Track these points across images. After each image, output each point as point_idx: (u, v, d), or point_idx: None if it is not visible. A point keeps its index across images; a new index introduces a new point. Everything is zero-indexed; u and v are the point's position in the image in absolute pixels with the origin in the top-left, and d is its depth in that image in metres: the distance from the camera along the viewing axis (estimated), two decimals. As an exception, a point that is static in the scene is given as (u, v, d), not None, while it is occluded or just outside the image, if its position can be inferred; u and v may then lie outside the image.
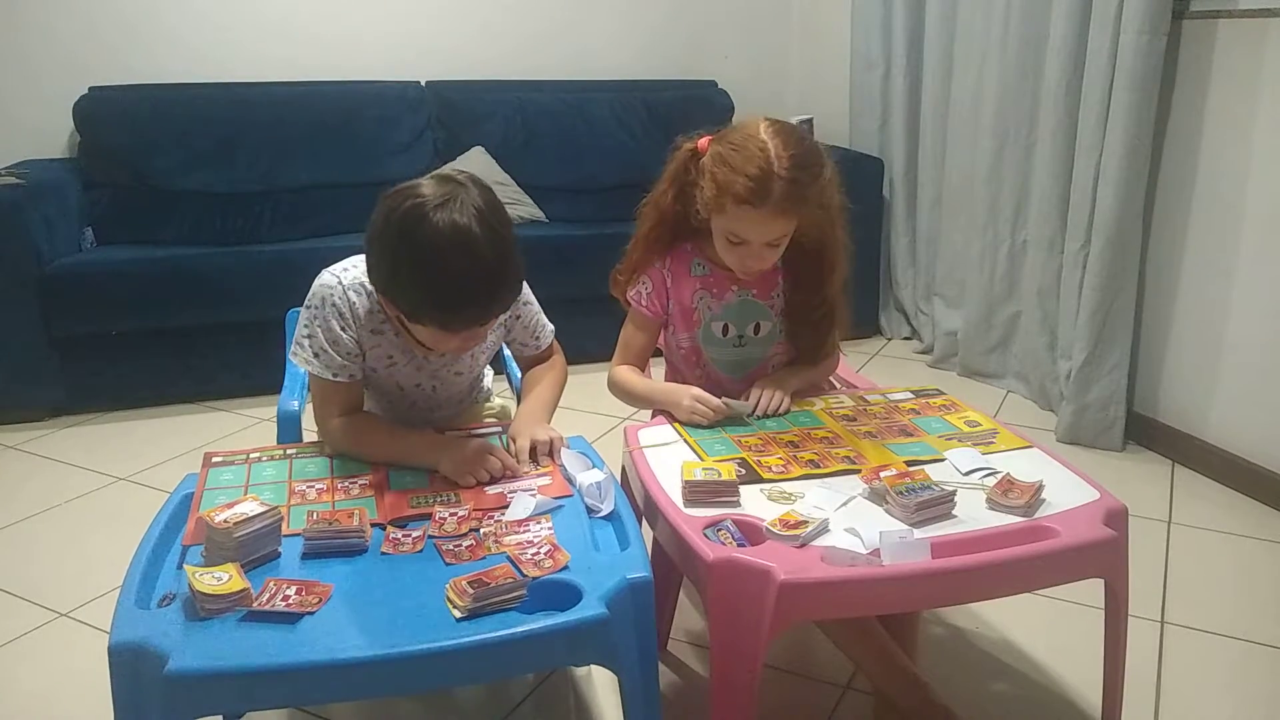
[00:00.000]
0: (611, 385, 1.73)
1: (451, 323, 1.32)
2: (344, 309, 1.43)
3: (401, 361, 1.50)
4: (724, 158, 1.50)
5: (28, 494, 2.41)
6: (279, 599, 1.07)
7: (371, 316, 1.45)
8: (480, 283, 1.28)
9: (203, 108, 3.26)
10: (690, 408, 1.56)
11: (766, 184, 1.46)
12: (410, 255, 1.27)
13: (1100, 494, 1.33)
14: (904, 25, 3.41)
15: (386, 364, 1.50)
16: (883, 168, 3.53)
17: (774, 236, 1.54)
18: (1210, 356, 2.46)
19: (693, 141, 1.61)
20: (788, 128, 1.53)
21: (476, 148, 3.49)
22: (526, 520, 1.25)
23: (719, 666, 1.22)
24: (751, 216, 1.50)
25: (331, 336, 1.43)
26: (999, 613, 1.85)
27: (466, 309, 1.31)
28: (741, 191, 1.47)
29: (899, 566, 1.16)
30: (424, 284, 1.27)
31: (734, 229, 1.53)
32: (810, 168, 1.50)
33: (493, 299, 1.33)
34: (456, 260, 1.25)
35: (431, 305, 1.29)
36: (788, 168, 1.47)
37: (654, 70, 3.92)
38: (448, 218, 1.26)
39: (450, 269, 1.26)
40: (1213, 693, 1.66)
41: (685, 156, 1.61)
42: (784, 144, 1.48)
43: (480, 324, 1.36)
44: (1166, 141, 2.50)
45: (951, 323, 3.32)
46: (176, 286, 2.88)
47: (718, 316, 1.68)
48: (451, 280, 1.26)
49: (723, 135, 1.56)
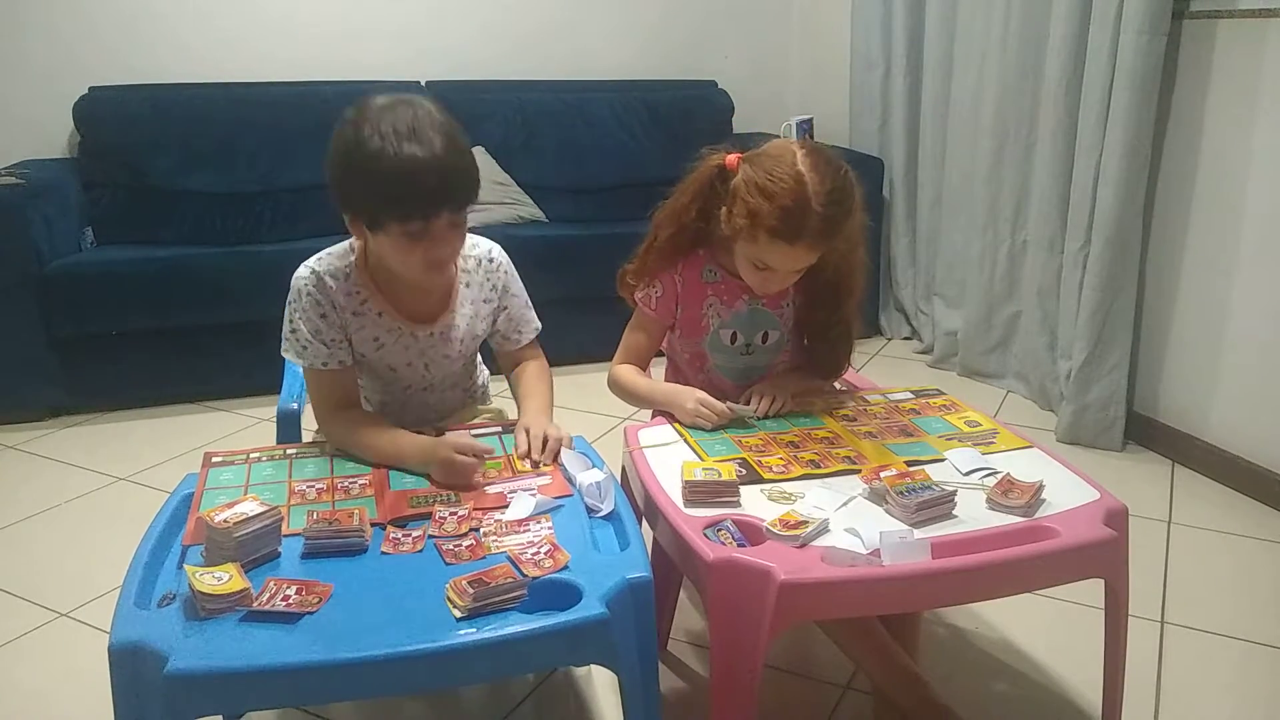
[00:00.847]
0: (612, 384, 1.72)
1: (406, 214, 1.32)
2: (320, 296, 1.45)
3: (389, 341, 1.51)
4: (758, 186, 1.45)
5: (28, 494, 2.41)
6: (279, 599, 1.07)
7: (350, 298, 1.47)
8: (428, 167, 1.29)
9: (203, 108, 3.26)
10: (694, 410, 1.55)
11: (803, 219, 1.43)
12: (360, 152, 1.30)
13: (1100, 494, 1.33)
14: (904, 25, 3.41)
15: (375, 347, 1.50)
16: (883, 168, 3.53)
17: (801, 266, 1.53)
18: (1210, 356, 2.46)
19: (720, 157, 1.56)
20: (823, 156, 1.48)
21: (476, 148, 3.47)
22: (526, 520, 1.25)
23: (719, 666, 1.22)
24: (783, 250, 1.47)
25: (313, 326, 1.45)
26: (999, 613, 1.85)
27: (418, 196, 1.31)
28: (776, 225, 1.44)
29: (899, 566, 1.16)
30: (375, 176, 1.30)
31: (762, 257, 1.51)
32: (845, 202, 1.47)
33: (444, 186, 1.32)
34: (404, 147, 1.28)
35: (384, 199, 1.31)
36: (825, 203, 1.43)
37: (654, 70, 3.92)
38: (392, 113, 1.31)
39: (399, 155, 1.28)
40: (1213, 693, 1.66)
41: (711, 172, 1.56)
42: (821, 176, 1.44)
43: (434, 214, 1.33)
44: (1166, 141, 2.50)
45: (951, 323, 3.32)
46: (176, 286, 2.89)
47: (726, 324, 1.67)
48: (400, 165, 1.28)
49: (755, 159, 1.51)
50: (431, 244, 1.36)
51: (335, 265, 1.47)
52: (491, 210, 3.33)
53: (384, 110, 1.32)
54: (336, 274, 1.46)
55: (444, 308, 1.54)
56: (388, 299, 1.49)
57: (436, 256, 1.39)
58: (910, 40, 3.42)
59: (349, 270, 1.47)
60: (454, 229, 1.39)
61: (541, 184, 3.52)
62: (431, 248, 1.37)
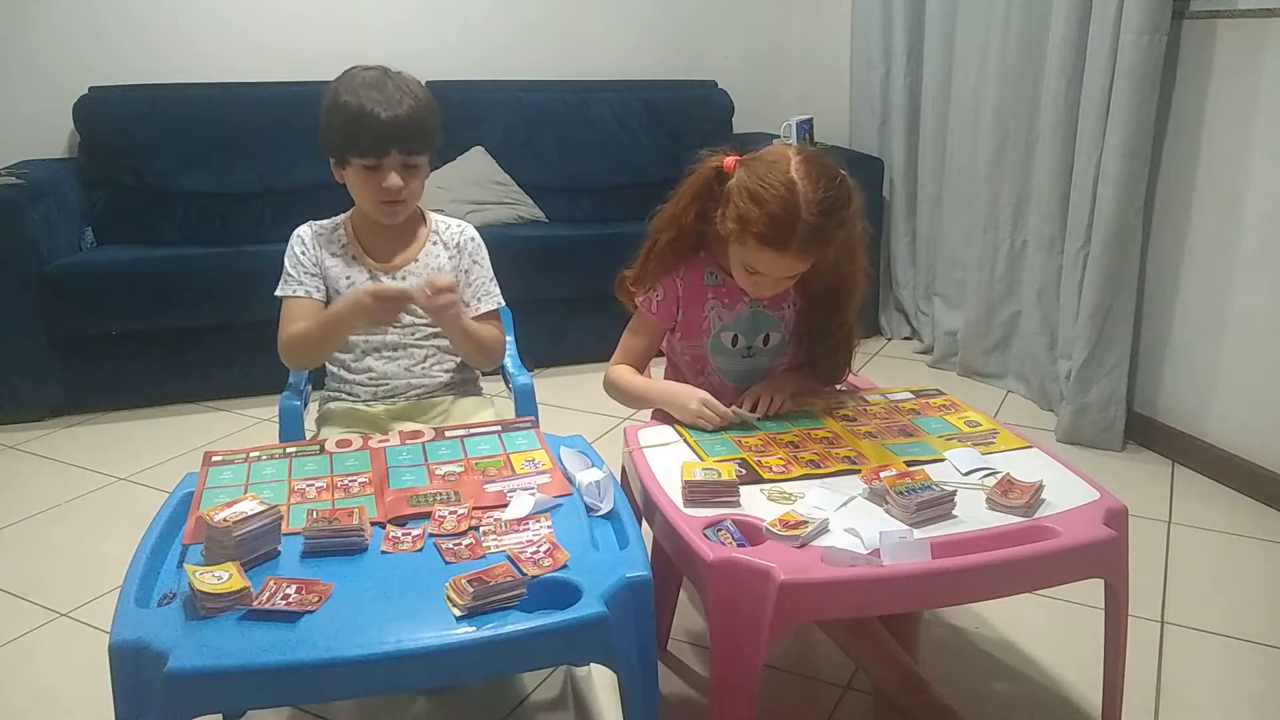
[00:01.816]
0: (608, 384, 1.71)
1: (362, 149, 1.57)
2: (304, 236, 1.72)
3: (358, 280, 1.69)
4: (750, 191, 1.45)
5: (28, 494, 2.42)
6: (279, 598, 1.07)
7: (331, 243, 1.72)
8: (381, 111, 1.56)
9: (203, 108, 3.26)
10: (697, 411, 1.54)
11: (790, 227, 1.42)
12: (333, 101, 1.60)
13: (1100, 494, 1.33)
14: (904, 25, 3.41)
15: (346, 284, 1.69)
16: (883, 168, 3.53)
17: (791, 274, 1.53)
18: (1210, 356, 2.46)
19: (718, 158, 1.55)
20: (818, 162, 1.47)
21: (476, 148, 3.49)
22: (526, 519, 1.25)
23: (719, 666, 1.22)
24: (771, 256, 1.47)
25: (294, 260, 1.70)
26: (999, 613, 1.85)
27: (370, 132, 1.56)
28: (764, 232, 1.43)
29: (899, 566, 1.16)
30: (340, 118, 1.58)
31: (751, 262, 1.50)
32: (837, 212, 1.45)
33: (394, 127, 1.57)
34: (364, 95, 1.57)
35: (344, 135, 1.58)
36: (815, 213, 1.42)
37: (654, 70, 3.91)
38: (364, 74, 1.61)
39: (359, 101, 1.57)
40: (1213, 693, 1.66)
41: (709, 174, 1.56)
42: (813, 185, 1.43)
43: (385, 151, 1.57)
44: (1166, 141, 2.50)
45: (951, 323, 3.32)
46: (176, 286, 2.89)
47: (728, 327, 1.67)
48: (359, 108, 1.56)
49: (751, 162, 1.50)
50: (385, 177, 1.59)
51: (327, 220, 1.75)
52: (491, 210, 3.33)
53: (359, 73, 1.62)
54: (325, 225, 1.74)
55: (408, 254, 1.73)
56: (362, 245, 1.72)
57: (390, 188, 1.60)
58: (910, 40, 3.42)
59: (337, 224, 1.74)
60: (407, 170, 1.62)
61: (541, 184, 3.52)
62: (385, 180, 1.60)
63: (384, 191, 1.61)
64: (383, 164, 1.59)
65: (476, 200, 3.34)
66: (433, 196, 3.35)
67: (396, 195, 1.62)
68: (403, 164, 1.61)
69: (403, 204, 1.65)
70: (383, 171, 1.59)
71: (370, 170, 1.60)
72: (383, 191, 1.61)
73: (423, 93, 1.64)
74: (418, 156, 1.63)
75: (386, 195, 1.61)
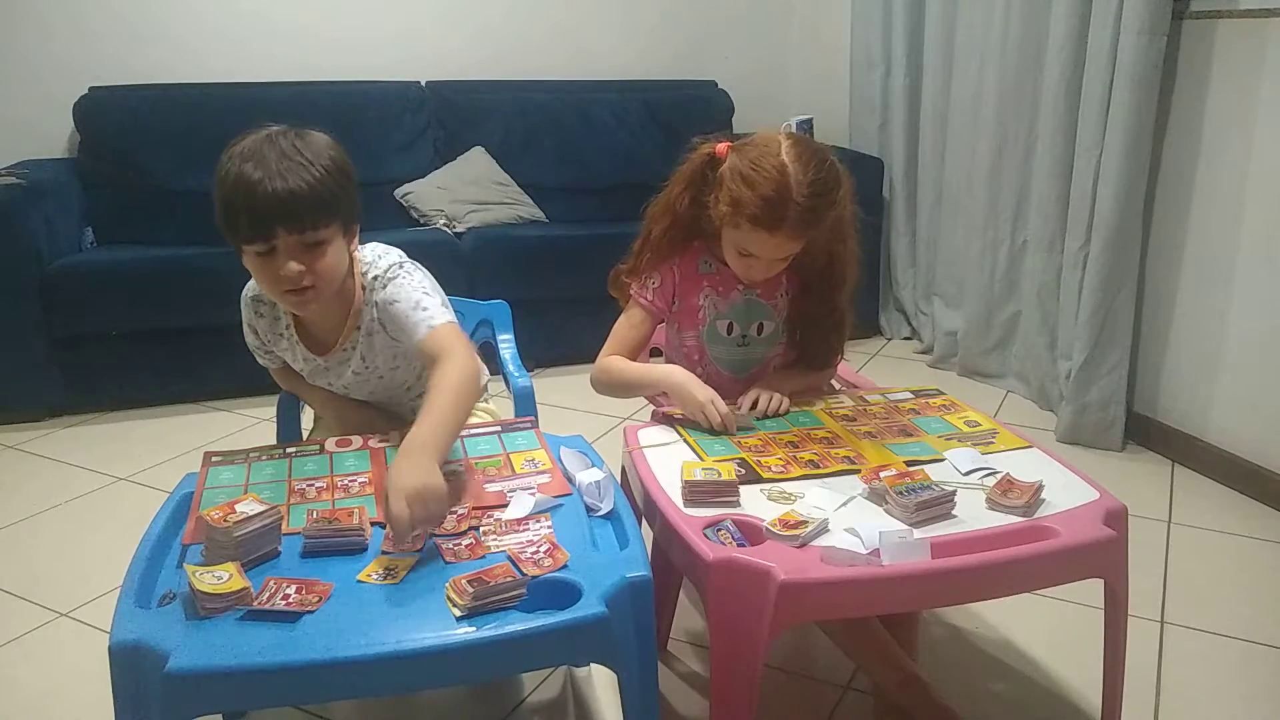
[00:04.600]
0: (599, 372, 1.67)
1: (245, 235, 1.35)
2: (250, 315, 1.58)
3: (303, 366, 1.58)
4: (741, 174, 1.48)
5: (28, 494, 2.42)
6: (279, 598, 1.07)
7: (276, 322, 1.56)
8: (260, 186, 1.32)
9: (203, 108, 3.25)
10: (706, 400, 1.52)
11: (782, 209, 1.45)
12: (217, 177, 1.38)
13: (1100, 494, 1.33)
14: (904, 25, 3.41)
15: (300, 366, 1.59)
16: (883, 168, 3.53)
17: (783, 255, 1.54)
18: (1210, 356, 2.46)
19: (710, 145, 1.58)
20: (808, 147, 1.50)
21: (476, 148, 3.49)
22: (526, 519, 1.25)
23: (719, 666, 1.22)
24: (763, 238, 1.49)
25: (251, 339, 1.62)
26: (999, 613, 1.85)
27: (250, 213, 1.33)
28: (756, 213, 1.46)
29: (899, 566, 1.16)
30: (220, 197, 1.36)
31: (744, 244, 1.53)
32: (828, 194, 1.48)
33: (278, 204, 1.32)
34: (242, 165, 1.34)
35: (225, 219, 1.36)
36: (806, 195, 1.45)
37: (654, 70, 3.92)
38: (249, 140, 1.38)
39: (236, 175, 1.34)
40: (1213, 693, 1.66)
41: (702, 160, 1.58)
42: (803, 167, 1.46)
43: (270, 233, 1.33)
44: (1166, 141, 2.50)
45: (951, 323, 3.32)
46: (176, 286, 2.89)
47: (723, 315, 1.68)
48: (235, 185, 1.33)
49: (742, 147, 1.53)
50: (280, 264, 1.36)
51: (252, 290, 1.55)
52: (491, 210, 3.33)
53: (245, 138, 1.38)
54: (262, 297, 1.53)
55: (345, 337, 1.53)
56: (298, 329, 1.55)
57: (286, 275, 1.36)
58: (910, 40, 3.42)
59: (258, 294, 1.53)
60: (307, 250, 1.36)
61: (541, 184, 3.52)
62: (281, 268, 1.36)
63: (281, 280, 1.37)
64: (274, 247, 1.34)
65: (476, 200, 3.34)
66: (433, 196, 3.36)
67: (297, 282, 1.37)
68: (299, 244, 1.35)
69: (311, 290, 1.39)
70: (277, 258, 1.35)
71: (263, 256, 1.36)
72: (280, 280, 1.37)
73: (322, 155, 1.37)
74: (317, 233, 1.36)
75: (286, 284, 1.37)
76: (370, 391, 1.61)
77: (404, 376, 1.61)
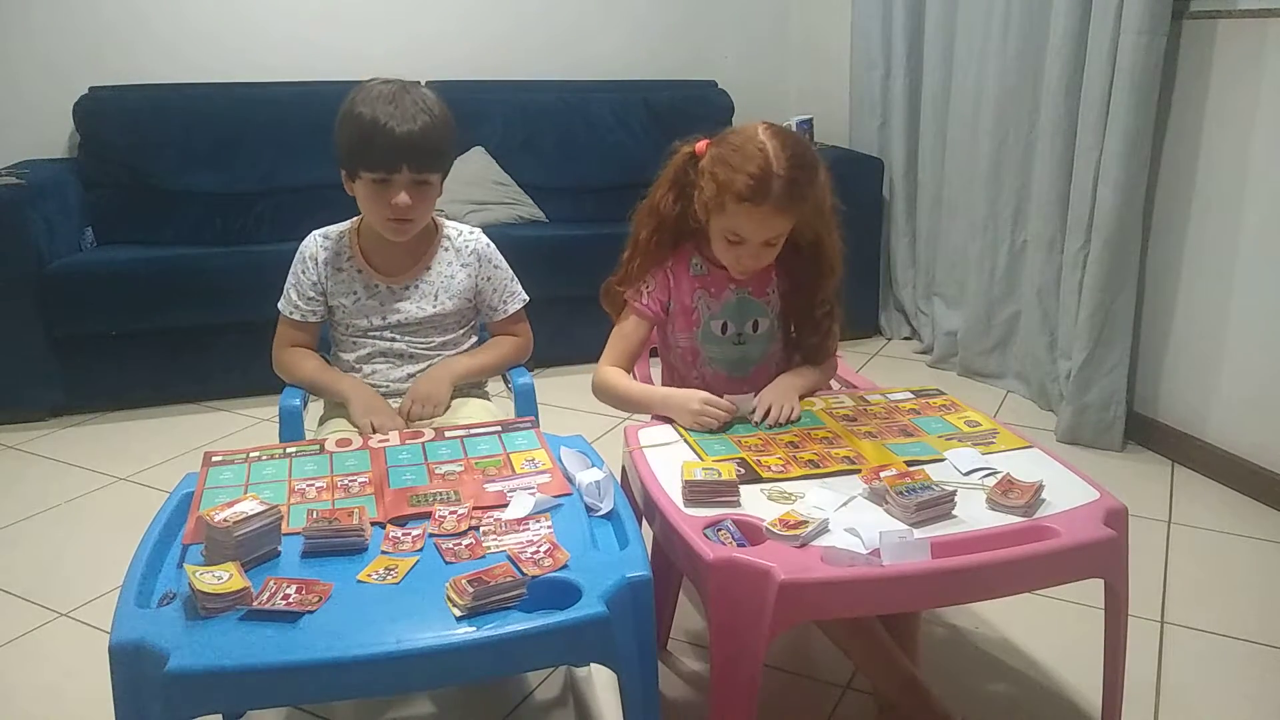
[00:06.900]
0: (599, 388, 1.70)
1: (371, 163, 1.56)
2: (313, 251, 1.71)
3: (363, 295, 1.71)
4: (724, 158, 1.54)
5: (28, 494, 2.41)
6: (279, 598, 1.07)
7: (337, 255, 1.71)
8: (395, 127, 1.54)
9: (203, 108, 3.26)
10: (700, 411, 1.54)
11: (766, 182, 1.49)
12: (348, 113, 1.58)
13: (1100, 494, 1.33)
14: (904, 25, 3.41)
15: (352, 299, 1.70)
16: (883, 168, 3.52)
17: (772, 235, 1.56)
18: (1210, 356, 2.46)
19: (690, 145, 1.63)
20: (784, 131, 1.57)
21: (476, 148, 3.49)
22: (526, 519, 1.25)
23: (719, 666, 1.22)
24: (751, 214, 1.52)
25: (296, 279, 1.71)
26: (999, 613, 1.85)
27: (382, 149, 1.54)
28: (742, 189, 1.50)
29: (899, 566, 1.16)
30: (353, 131, 1.56)
31: (733, 227, 1.55)
32: (807, 168, 1.53)
33: (407, 144, 1.54)
34: (379, 109, 1.55)
35: (357, 149, 1.57)
36: (786, 167, 1.50)
37: (654, 70, 3.91)
38: (382, 87, 1.59)
39: (373, 115, 1.55)
40: (1213, 693, 1.66)
41: (683, 160, 1.63)
42: (782, 145, 1.52)
43: (395, 167, 1.56)
44: (1166, 141, 2.50)
45: (951, 323, 3.32)
46: (176, 286, 2.89)
47: (716, 315, 1.69)
48: (373, 122, 1.54)
49: (721, 138, 1.59)
50: (394, 194, 1.57)
51: (334, 229, 1.74)
52: (491, 210, 3.33)
53: (377, 85, 1.59)
54: (331, 234, 1.73)
55: (419, 266, 1.73)
56: (368, 259, 1.71)
57: (398, 205, 1.58)
58: (910, 40, 3.41)
59: (343, 234, 1.73)
60: (416, 187, 1.59)
61: (541, 184, 3.52)
62: (394, 198, 1.58)
63: (392, 209, 1.59)
64: (393, 180, 1.57)
65: (476, 200, 3.34)
66: (433, 196, 3.35)
67: (405, 213, 1.60)
68: (413, 181, 1.58)
69: (410, 223, 1.63)
70: (392, 188, 1.57)
71: (379, 185, 1.58)
72: (391, 208, 1.59)
73: (440, 110, 1.61)
74: (429, 174, 1.60)
75: (395, 212, 1.59)
76: (413, 331, 1.73)
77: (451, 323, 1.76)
